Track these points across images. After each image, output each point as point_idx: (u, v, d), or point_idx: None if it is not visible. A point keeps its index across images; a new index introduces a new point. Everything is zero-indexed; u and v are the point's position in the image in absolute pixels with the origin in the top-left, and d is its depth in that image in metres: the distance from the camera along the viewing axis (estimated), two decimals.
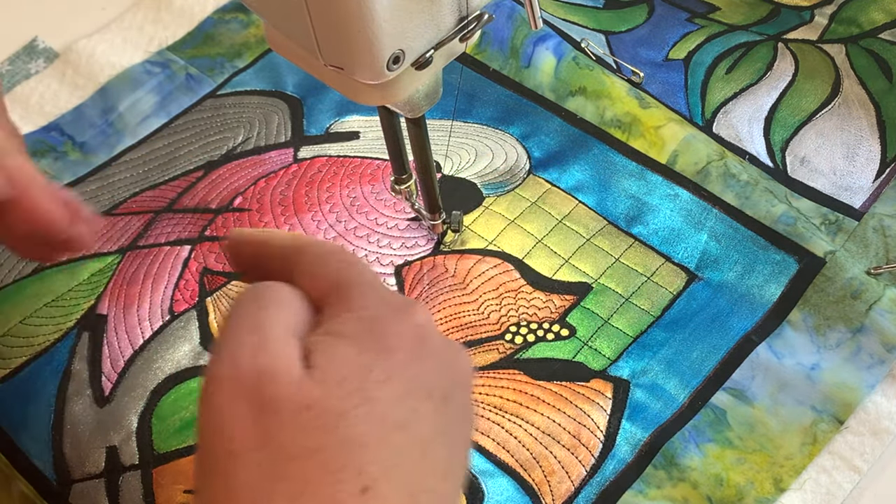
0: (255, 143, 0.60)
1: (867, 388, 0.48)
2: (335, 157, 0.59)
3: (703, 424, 0.47)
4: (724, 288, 0.52)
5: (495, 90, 0.61)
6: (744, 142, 0.58)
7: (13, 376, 0.51)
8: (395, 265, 0.54)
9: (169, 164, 0.60)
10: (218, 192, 0.58)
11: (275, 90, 0.63)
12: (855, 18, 0.63)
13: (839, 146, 0.57)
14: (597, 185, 0.56)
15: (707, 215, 0.54)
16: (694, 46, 0.62)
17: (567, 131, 0.58)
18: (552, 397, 0.48)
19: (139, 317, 0.52)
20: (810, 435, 0.47)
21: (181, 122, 0.62)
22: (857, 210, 0.54)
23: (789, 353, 0.49)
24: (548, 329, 0.51)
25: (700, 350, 0.50)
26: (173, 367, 0.50)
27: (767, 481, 0.46)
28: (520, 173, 0.57)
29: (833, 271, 0.51)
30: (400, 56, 0.38)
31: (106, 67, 0.64)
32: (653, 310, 0.51)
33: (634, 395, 0.48)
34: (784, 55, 0.61)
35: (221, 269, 0.54)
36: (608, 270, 0.53)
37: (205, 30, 0.66)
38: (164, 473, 0.47)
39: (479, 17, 0.41)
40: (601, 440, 0.47)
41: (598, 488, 0.46)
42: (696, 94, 0.60)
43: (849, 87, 0.59)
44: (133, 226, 0.57)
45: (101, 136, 0.62)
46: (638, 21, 0.65)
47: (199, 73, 0.64)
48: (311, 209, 0.56)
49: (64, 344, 0.52)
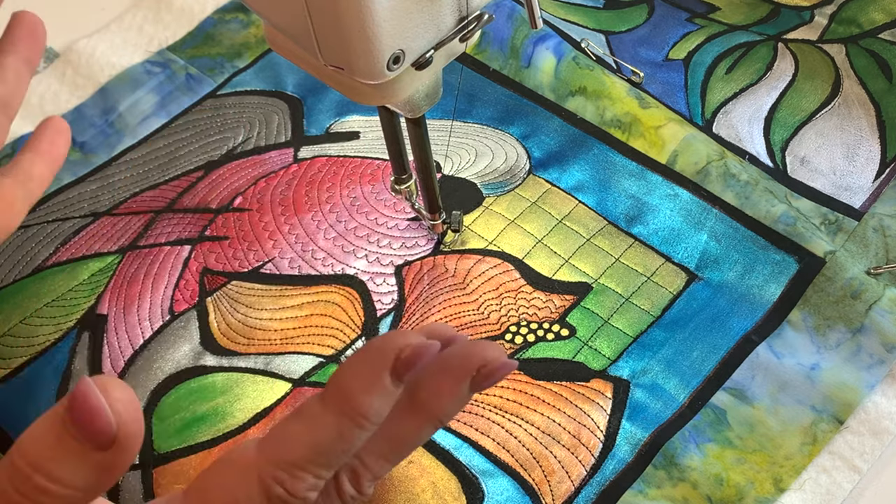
0: (256, 143, 0.60)
1: (867, 388, 0.48)
2: (335, 157, 0.59)
3: (703, 424, 0.47)
4: (724, 288, 0.52)
5: (495, 90, 0.61)
6: (744, 142, 0.58)
7: (13, 376, 0.51)
8: (395, 265, 0.54)
9: (169, 164, 0.60)
10: (218, 192, 0.58)
11: (275, 90, 0.63)
12: (855, 18, 0.63)
13: (839, 146, 0.57)
14: (597, 185, 0.56)
15: (707, 215, 0.54)
16: (694, 46, 0.62)
17: (567, 131, 0.58)
18: (552, 397, 0.48)
19: (139, 317, 0.52)
20: (810, 435, 0.47)
21: (181, 122, 0.62)
22: (857, 210, 0.54)
23: (789, 353, 0.49)
24: (548, 329, 0.51)
25: (700, 350, 0.50)
26: (173, 367, 0.50)
27: (767, 481, 0.46)
28: (520, 173, 0.57)
29: (833, 271, 0.51)
30: (400, 56, 0.38)
31: (106, 67, 0.64)
32: (653, 310, 0.51)
33: (634, 395, 0.49)
34: (784, 55, 0.61)
35: (221, 269, 0.54)
36: (608, 270, 0.53)
37: (205, 30, 0.66)
38: (165, 473, 0.47)
39: (479, 17, 0.41)
40: (601, 440, 0.47)
41: (598, 488, 0.46)
42: (696, 94, 0.60)
43: (849, 87, 0.59)
44: (133, 226, 0.57)
45: (101, 136, 0.62)
46: (638, 21, 0.65)
47: (199, 73, 0.64)
48: (312, 209, 0.56)
49: (64, 344, 0.52)
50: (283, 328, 0.52)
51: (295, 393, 0.49)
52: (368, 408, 0.27)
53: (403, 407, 0.29)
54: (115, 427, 0.25)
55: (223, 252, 0.55)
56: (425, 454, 0.47)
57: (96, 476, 0.26)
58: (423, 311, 0.52)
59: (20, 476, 0.26)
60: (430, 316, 0.52)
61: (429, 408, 0.29)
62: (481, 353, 0.28)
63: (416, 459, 0.46)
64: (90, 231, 0.57)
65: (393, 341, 0.27)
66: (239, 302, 0.53)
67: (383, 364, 0.27)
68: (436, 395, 0.29)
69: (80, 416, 0.25)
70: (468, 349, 0.28)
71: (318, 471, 0.28)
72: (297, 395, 0.49)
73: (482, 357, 0.28)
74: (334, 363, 0.50)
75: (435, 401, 0.29)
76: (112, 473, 0.26)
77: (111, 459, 0.26)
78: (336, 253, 0.54)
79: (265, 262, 0.54)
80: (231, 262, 0.54)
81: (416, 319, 0.51)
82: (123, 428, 0.25)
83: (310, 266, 0.54)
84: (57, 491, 0.26)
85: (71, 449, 0.25)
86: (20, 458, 0.26)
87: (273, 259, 0.54)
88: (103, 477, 0.26)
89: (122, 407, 0.25)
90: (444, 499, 0.45)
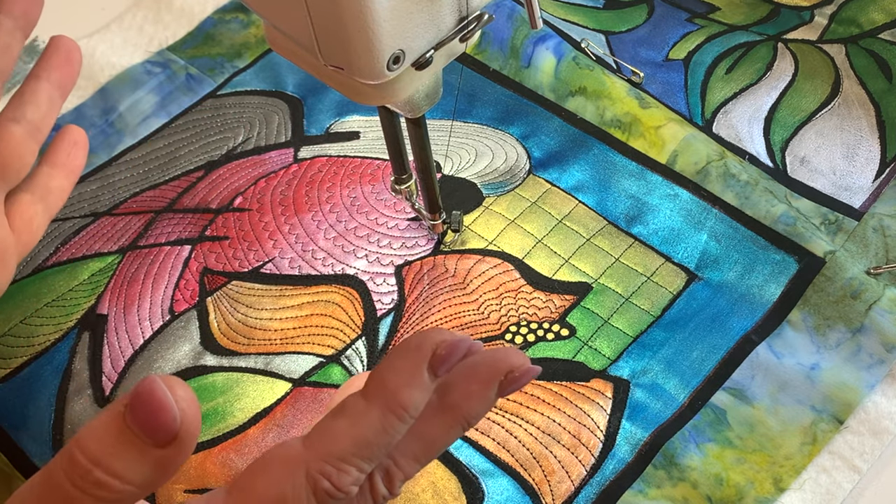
0: (256, 143, 0.60)
1: (867, 387, 0.48)
2: (335, 157, 0.59)
3: (703, 424, 0.47)
4: (724, 288, 0.52)
5: (495, 90, 0.61)
6: (744, 142, 0.58)
7: (13, 376, 0.51)
8: (395, 265, 0.54)
9: (169, 164, 0.60)
10: (218, 192, 0.58)
11: (275, 90, 0.63)
12: (855, 18, 0.63)
13: (839, 146, 0.57)
14: (597, 185, 0.56)
15: (707, 215, 0.54)
16: (694, 46, 0.62)
17: (567, 131, 0.58)
18: (552, 397, 0.48)
19: (139, 316, 0.52)
20: (810, 435, 0.47)
21: (181, 122, 0.62)
22: (857, 210, 0.54)
23: (789, 352, 0.49)
24: (548, 329, 0.51)
25: (700, 350, 0.50)
26: (173, 366, 0.50)
27: (767, 481, 0.46)
28: (520, 173, 0.57)
29: (833, 271, 0.51)
30: (400, 56, 0.38)
31: (106, 67, 0.64)
32: (653, 310, 0.51)
33: (634, 395, 0.49)
34: (784, 55, 0.61)
35: (221, 269, 0.54)
36: (608, 270, 0.53)
37: (205, 30, 0.66)
38: None
39: (479, 18, 0.41)
40: (601, 440, 0.47)
41: (598, 488, 0.46)
42: (696, 94, 0.60)
43: (849, 87, 0.59)
44: (133, 226, 0.57)
45: (101, 136, 0.62)
46: (638, 21, 0.65)
47: (199, 73, 0.64)
48: (312, 209, 0.56)
49: (64, 344, 0.52)
50: (283, 328, 0.52)
51: (295, 393, 0.49)
52: (409, 400, 0.29)
53: (434, 409, 0.30)
54: (179, 424, 0.26)
55: (223, 252, 0.55)
56: None
57: (154, 472, 0.27)
58: (423, 311, 0.52)
59: (79, 470, 0.26)
60: (430, 316, 0.52)
61: (459, 409, 0.30)
62: (507, 360, 0.30)
63: None
64: (90, 231, 0.57)
65: (430, 338, 0.29)
66: (239, 302, 0.53)
67: (422, 359, 0.29)
68: (465, 398, 0.30)
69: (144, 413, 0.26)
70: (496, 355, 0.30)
71: (361, 464, 0.29)
72: (297, 395, 0.49)
73: (508, 363, 0.30)
74: (334, 363, 0.50)
75: (465, 403, 0.30)
76: (169, 470, 0.27)
77: (170, 456, 0.26)
78: (336, 253, 0.54)
79: (265, 262, 0.54)
80: (231, 261, 0.54)
81: (416, 319, 0.51)
82: (185, 425, 0.26)
83: (310, 266, 0.54)
84: (115, 486, 0.26)
85: (131, 445, 0.26)
86: (80, 452, 0.26)
87: (273, 259, 0.54)
88: (160, 473, 0.27)
89: (186, 405, 0.26)
90: (444, 499, 0.45)
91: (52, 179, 0.46)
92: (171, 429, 0.26)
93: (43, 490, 0.27)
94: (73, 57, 0.47)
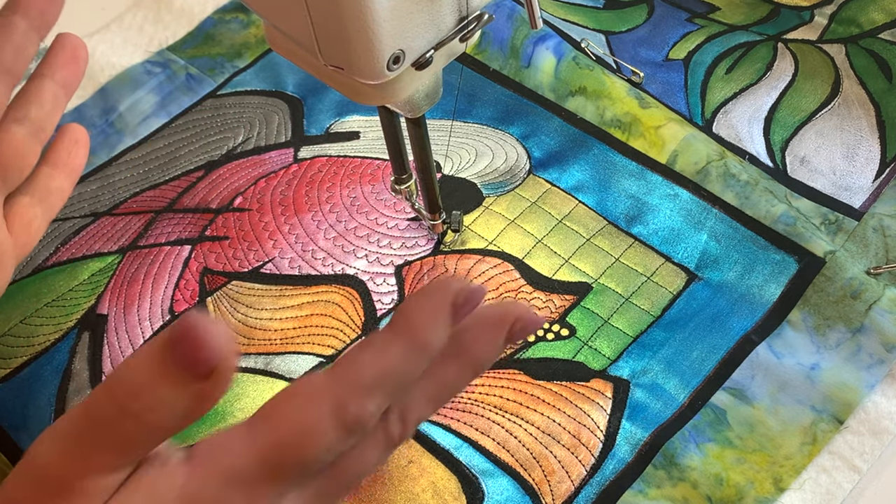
0: (256, 143, 0.60)
1: (867, 387, 0.48)
2: (335, 157, 0.59)
3: (703, 424, 0.47)
4: (724, 288, 0.52)
5: (495, 90, 0.61)
6: (744, 142, 0.58)
7: (13, 376, 0.51)
8: (395, 265, 0.54)
9: (169, 164, 0.60)
10: (218, 192, 0.58)
11: (275, 90, 0.63)
12: (855, 18, 0.63)
13: (839, 146, 0.57)
14: (597, 185, 0.56)
15: (707, 215, 0.54)
16: (694, 46, 0.62)
17: (567, 131, 0.58)
18: (552, 397, 0.48)
19: (139, 317, 0.52)
20: (810, 435, 0.47)
21: (181, 122, 0.62)
22: (857, 210, 0.54)
23: (789, 352, 0.49)
24: (548, 329, 0.51)
25: (700, 350, 0.50)
26: None
27: (767, 481, 0.46)
28: (520, 173, 0.57)
29: (833, 271, 0.51)
30: (400, 56, 0.38)
31: (106, 67, 0.64)
32: (653, 310, 0.51)
33: (634, 395, 0.49)
34: (784, 55, 0.61)
35: (221, 269, 0.54)
36: (608, 270, 0.53)
37: (205, 30, 0.66)
38: None
39: (479, 17, 0.41)
40: (601, 440, 0.47)
41: (598, 488, 0.46)
42: (696, 94, 0.60)
43: (849, 87, 0.59)
44: (133, 226, 0.57)
45: (101, 136, 0.62)
46: (638, 21, 0.65)
47: (199, 73, 0.64)
48: (312, 209, 0.56)
49: (64, 344, 0.52)
50: (283, 328, 0.52)
51: None
52: (432, 338, 0.30)
53: (448, 353, 0.31)
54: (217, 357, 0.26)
55: (223, 252, 0.55)
56: (425, 454, 0.47)
57: (192, 405, 0.27)
58: None
59: (116, 402, 0.27)
60: None
61: (470, 353, 0.32)
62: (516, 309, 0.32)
63: (416, 459, 0.46)
64: (90, 231, 0.57)
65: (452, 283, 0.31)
66: (239, 302, 0.53)
67: (445, 300, 0.30)
68: (476, 342, 0.32)
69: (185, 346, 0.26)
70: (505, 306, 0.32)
71: (383, 396, 0.29)
72: None
73: (516, 312, 0.32)
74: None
75: (476, 346, 0.32)
76: (206, 404, 0.27)
77: (208, 390, 0.27)
78: (336, 253, 0.54)
79: (265, 262, 0.54)
80: (231, 261, 0.54)
81: None
82: (224, 360, 0.26)
83: (310, 266, 0.54)
84: (152, 418, 0.27)
85: (170, 377, 0.26)
86: (118, 385, 0.27)
87: (273, 259, 0.54)
88: (198, 406, 0.27)
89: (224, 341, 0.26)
90: (444, 499, 0.45)
91: (52, 180, 0.46)
92: (210, 362, 0.26)
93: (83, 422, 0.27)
94: (79, 55, 0.46)
